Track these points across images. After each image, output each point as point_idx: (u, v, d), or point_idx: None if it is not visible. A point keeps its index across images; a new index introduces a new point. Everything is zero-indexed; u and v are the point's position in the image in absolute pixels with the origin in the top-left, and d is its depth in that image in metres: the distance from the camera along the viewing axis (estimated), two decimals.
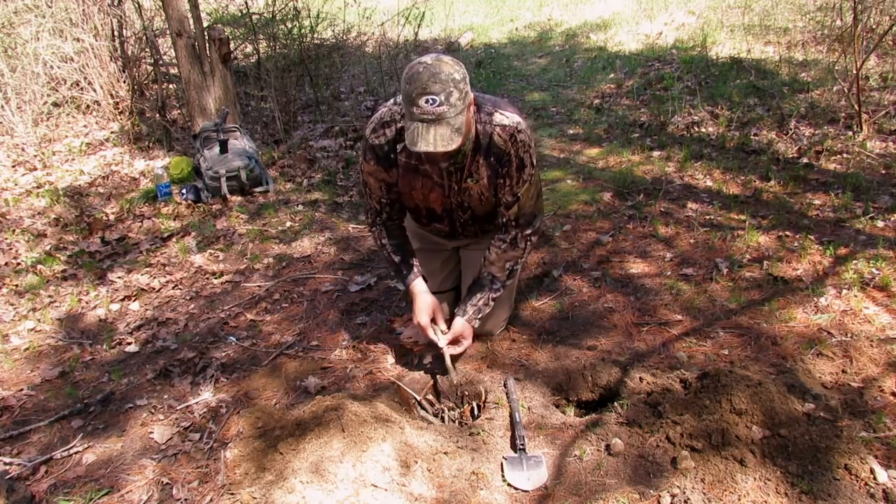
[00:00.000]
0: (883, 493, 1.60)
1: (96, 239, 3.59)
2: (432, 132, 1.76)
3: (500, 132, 1.98)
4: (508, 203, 2.09)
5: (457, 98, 1.77)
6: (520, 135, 1.99)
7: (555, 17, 8.99)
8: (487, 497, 1.74)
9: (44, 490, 1.89)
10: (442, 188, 2.12)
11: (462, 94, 1.79)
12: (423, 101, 1.75)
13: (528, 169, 2.04)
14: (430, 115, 1.75)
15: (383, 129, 2.05)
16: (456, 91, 1.76)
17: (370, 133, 2.06)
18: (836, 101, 4.39)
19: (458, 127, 1.78)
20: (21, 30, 5.41)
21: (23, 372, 2.49)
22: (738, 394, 1.81)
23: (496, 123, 1.99)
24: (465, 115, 1.81)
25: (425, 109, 1.75)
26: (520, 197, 2.08)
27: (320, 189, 4.11)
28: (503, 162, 2.02)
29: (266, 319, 2.73)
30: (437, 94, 1.74)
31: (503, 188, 2.06)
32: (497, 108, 2.02)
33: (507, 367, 2.26)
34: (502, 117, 1.99)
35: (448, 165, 2.02)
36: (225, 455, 1.94)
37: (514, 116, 2.01)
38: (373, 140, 2.06)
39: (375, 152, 2.07)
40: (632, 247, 3.02)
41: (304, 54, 5.68)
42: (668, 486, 1.68)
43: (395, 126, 2.03)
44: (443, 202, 2.16)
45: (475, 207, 2.18)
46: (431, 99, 1.74)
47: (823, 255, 2.76)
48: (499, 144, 1.99)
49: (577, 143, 4.60)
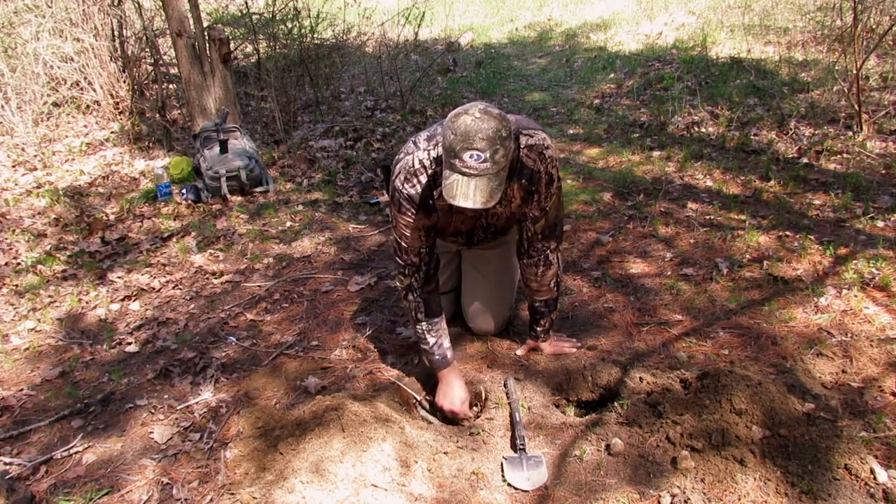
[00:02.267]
0: (883, 493, 1.60)
1: (96, 239, 3.59)
2: (473, 186, 1.69)
3: (528, 153, 1.93)
4: (536, 218, 2.05)
5: (501, 156, 1.70)
6: (547, 151, 1.95)
7: (555, 17, 8.99)
8: (487, 497, 1.74)
9: (44, 490, 1.89)
10: (475, 219, 2.10)
11: (507, 151, 1.72)
12: (468, 157, 1.67)
13: (556, 182, 2.01)
14: (473, 171, 1.68)
15: (415, 177, 1.94)
16: (502, 149, 1.69)
17: (402, 184, 1.94)
18: (836, 101, 4.39)
19: (500, 182, 1.72)
20: (21, 30, 5.41)
21: (23, 372, 2.50)
22: (738, 394, 1.81)
23: (524, 146, 1.93)
24: (507, 169, 1.76)
25: (469, 164, 1.68)
26: (547, 210, 2.05)
27: (320, 189, 4.11)
28: (533, 181, 1.97)
29: (266, 319, 2.73)
30: (483, 150, 1.66)
31: (531, 204, 2.02)
32: (520, 128, 1.95)
33: (507, 367, 2.26)
34: (527, 138, 1.94)
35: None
36: (225, 455, 1.94)
37: (538, 132, 1.96)
38: (408, 191, 1.94)
39: (413, 202, 1.95)
40: (632, 247, 3.02)
41: (304, 54, 5.68)
42: (668, 486, 1.68)
43: (426, 172, 1.93)
44: (470, 223, 2.14)
45: (499, 225, 2.17)
46: (477, 155, 1.67)
47: (823, 255, 2.76)
48: (529, 165, 1.94)
49: (577, 143, 4.61)
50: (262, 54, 5.82)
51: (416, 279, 2.09)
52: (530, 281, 2.19)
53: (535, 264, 2.14)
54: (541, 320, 2.25)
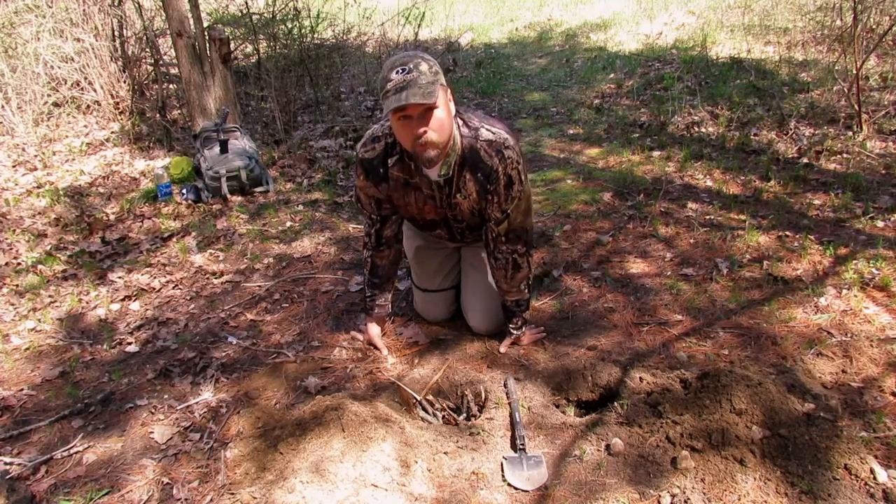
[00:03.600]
0: (883, 493, 1.60)
1: (96, 239, 3.59)
2: (405, 94, 1.78)
3: (487, 148, 1.98)
4: (498, 220, 2.09)
5: (427, 69, 1.81)
6: (507, 150, 1.98)
7: (555, 17, 8.99)
8: (487, 497, 1.74)
9: (44, 490, 1.89)
10: (434, 200, 2.12)
11: (432, 68, 1.82)
12: (394, 73, 1.80)
13: (516, 186, 2.02)
14: (401, 83, 1.78)
15: (373, 143, 2.08)
16: (425, 63, 1.82)
17: (360, 148, 2.11)
18: (836, 101, 4.40)
19: (431, 91, 1.79)
20: (21, 30, 5.41)
21: (23, 372, 2.50)
22: (738, 394, 1.81)
23: (483, 139, 1.98)
24: (438, 91, 1.81)
25: (396, 80, 1.79)
26: (509, 214, 2.07)
27: (320, 189, 4.11)
28: (491, 179, 2.00)
29: (266, 319, 2.73)
30: (406, 64, 1.80)
31: (491, 204, 2.05)
32: (483, 123, 2.01)
33: (507, 367, 2.26)
34: (489, 133, 1.99)
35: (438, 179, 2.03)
36: (225, 455, 1.94)
37: (501, 132, 2.00)
38: (362, 154, 2.10)
39: (365, 166, 2.11)
40: (632, 247, 3.02)
41: (304, 54, 5.68)
42: (668, 486, 1.68)
43: (384, 140, 2.06)
44: (437, 213, 2.18)
45: (468, 220, 2.19)
46: (401, 69, 1.80)
47: (823, 255, 2.76)
48: (485, 161, 1.98)
49: (577, 143, 4.60)
50: (262, 54, 5.82)
51: (370, 238, 2.31)
52: (500, 282, 2.25)
53: (502, 266, 2.19)
54: (513, 318, 2.32)
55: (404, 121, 1.85)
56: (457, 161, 2.01)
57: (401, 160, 2.06)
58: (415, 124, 1.84)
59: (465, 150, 2.00)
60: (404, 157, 2.05)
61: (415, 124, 1.84)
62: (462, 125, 2.00)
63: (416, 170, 2.06)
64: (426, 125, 1.84)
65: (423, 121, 1.83)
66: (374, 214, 2.24)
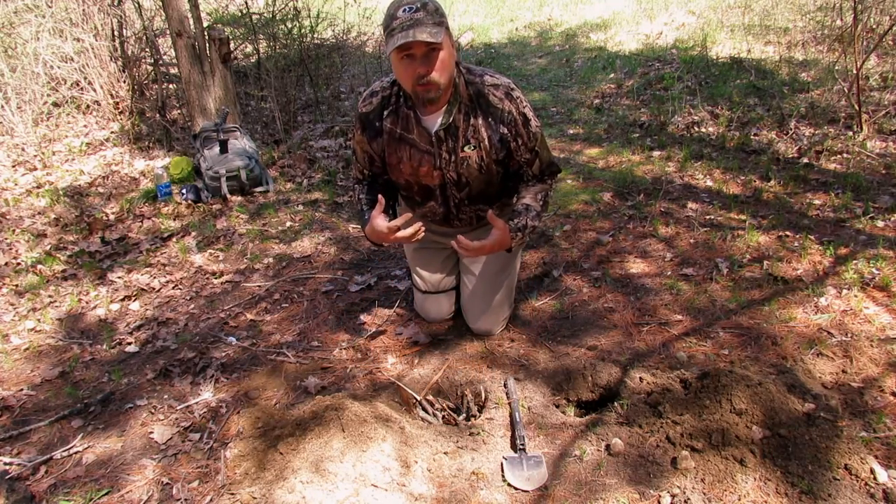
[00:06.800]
0: (883, 493, 1.60)
1: (96, 239, 3.59)
2: (411, 32, 1.77)
3: (495, 92, 2.00)
4: (529, 160, 2.11)
5: (433, 9, 1.81)
6: (514, 92, 2.02)
7: (555, 17, 8.99)
8: (487, 497, 1.74)
9: (44, 490, 1.89)
10: (431, 157, 2.07)
11: (439, 10, 1.83)
12: (401, 11, 1.79)
13: (532, 122, 2.07)
14: (408, 20, 1.78)
15: (371, 97, 2.09)
16: (431, 3, 1.82)
17: (360, 102, 2.12)
18: (836, 101, 4.39)
19: (437, 32, 1.79)
20: (21, 30, 5.41)
21: (23, 372, 2.50)
22: (738, 394, 1.81)
23: (488, 84, 2.00)
24: (443, 33, 1.82)
25: (403, 18, 1.78)
26: (538, 152, 2.10)
27: (320, 189, 4.11)
28: (507, 122, 2.02)
29: (266, 319, 2.73)
30: (414, 2, 1.80)
31: (518, 149, 2.07)
32: (486, 72, 2.04)
33: (507, 367, 2.26)
34: (493, 79, 2.02)
35: (439, 129, 2.00)
36: (225, 455, 1.94)
37: (503, 77, 2.04)
38: (361, 108, 2.11)
39: (362, 120, 2.12)
40: (632, 247, 3.02)
41: (304, 54, 5.67)
42: (668, 486, 1.68)
43: (381, 94, 2.07)
44: (434, 175, 2.11)
45: (473, 180, 2.12)
46: (408, 7, 1.79)
47: (823, 255, 2.76)
48: (496, 104, 2.00)
49: (577, 142, 4.60)
50: (262, 54, 5.82)
51: (361, 186, 2.28)
52: (520, 189, 2.18)
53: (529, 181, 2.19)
54: (517, 217, 2.08)
55: (407, 60, 1.85)
56: (462, 109, 2.01)
57: (395, 112, 2.06)
58: (418, 63, 1.84)
59: (473, 95, 2.01)
60: (399, 110, 2.05)
61: (418, 63, 1.84)
62: (466, 72, 2.02)
63: (414, 122, 2.03)
64: (430, 65, 1.84)
65: (427, 61, 1.84)
66: (365, 169, 2.25)
